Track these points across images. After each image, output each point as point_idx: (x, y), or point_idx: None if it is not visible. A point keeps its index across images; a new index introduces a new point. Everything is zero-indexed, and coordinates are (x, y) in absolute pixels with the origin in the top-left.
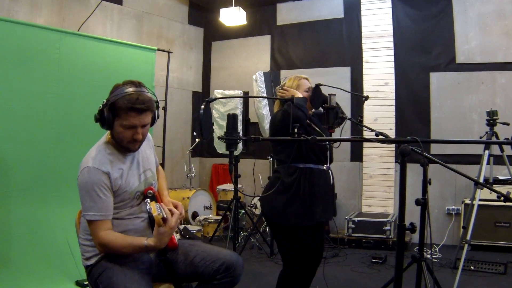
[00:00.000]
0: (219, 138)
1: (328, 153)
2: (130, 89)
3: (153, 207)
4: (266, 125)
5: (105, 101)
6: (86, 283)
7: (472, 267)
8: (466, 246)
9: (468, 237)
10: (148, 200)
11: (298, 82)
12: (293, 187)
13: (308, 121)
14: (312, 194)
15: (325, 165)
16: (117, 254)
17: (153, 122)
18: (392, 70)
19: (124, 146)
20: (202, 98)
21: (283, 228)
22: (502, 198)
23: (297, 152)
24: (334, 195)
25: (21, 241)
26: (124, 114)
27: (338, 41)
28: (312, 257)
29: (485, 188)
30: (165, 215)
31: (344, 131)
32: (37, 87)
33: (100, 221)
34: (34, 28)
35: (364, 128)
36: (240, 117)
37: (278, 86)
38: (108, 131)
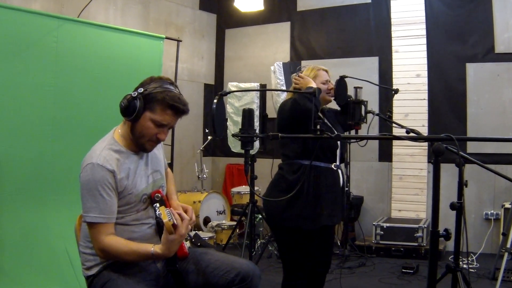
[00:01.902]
0: (233, 135)
1: (338, 151)
2: (171, 87)
3: (163, 213)
4: None
5: (142, 89)
6: None
7: None
8: (506, 254)
9: (508, 245)
10: (157, 204)
11: (316, 72)
12: (296, 185)
13: (320, 114)
14: (317, 195)
15: (333, 164)
16: (120, 262)
17: None
18: (425, 61)
19: (141, 143)
20: (214, 92)
21: (284, 231)
22: None
23: (302, 147)
24: (343, 196)
25: (15, 250)
26: (160, 110)
27: (365, 29)
28: (316, 264)
29: None
30: (175, 222)
31: (371, 128)
32: (33, 79)
33: (101, 224)
34: (29, 14)
35: (394, 125)
36: (256, 112)
37: (294, 73)
38: (117, 127)
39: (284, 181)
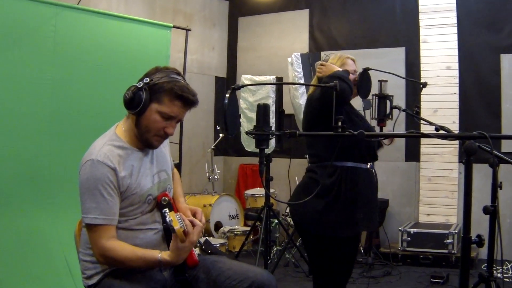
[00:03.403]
0: (247, 133)
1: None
2: (178, 77)
3: (173, 219)
4: None
5: (148, 79)
6: None
7: None
8: None
9: None
10: (167, 210)
11: (344, 60)
12: (333, 190)
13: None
14: (355, 199)
15: (369, 164)
16: (122, 269)
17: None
18: (456, 52)
19: (147, 138)
20: (227, 85)
21: (318, 239)
22: None
23: (339, 147)
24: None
25: (10, 258)
26: (168, 101)
27: (391, 17)
28: (344, 271)
29: None
30: (186, 228)
31: (397, 124)
32: (29, 71)
33: (102, 226)
34: (24, 1)
35: (422, 121)
36: (272, 108)
37: (318, 62)
38: (119, 122)
39: (318, 186)
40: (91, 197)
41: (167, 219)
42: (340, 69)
